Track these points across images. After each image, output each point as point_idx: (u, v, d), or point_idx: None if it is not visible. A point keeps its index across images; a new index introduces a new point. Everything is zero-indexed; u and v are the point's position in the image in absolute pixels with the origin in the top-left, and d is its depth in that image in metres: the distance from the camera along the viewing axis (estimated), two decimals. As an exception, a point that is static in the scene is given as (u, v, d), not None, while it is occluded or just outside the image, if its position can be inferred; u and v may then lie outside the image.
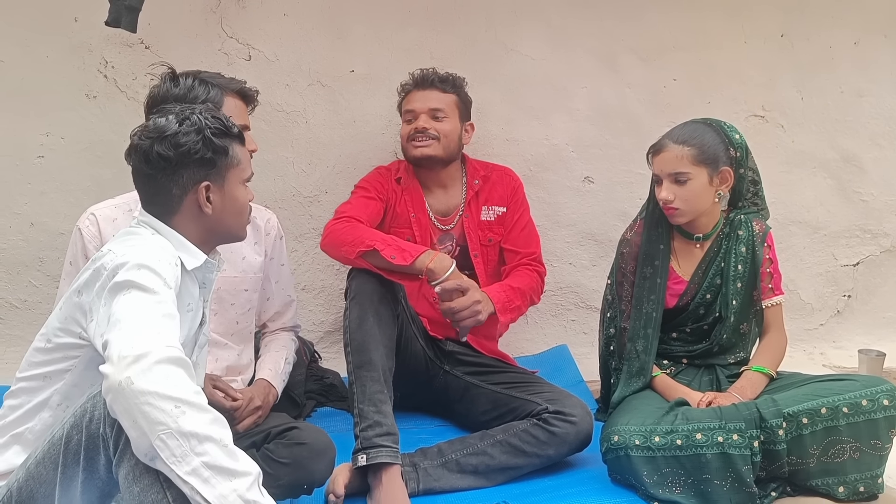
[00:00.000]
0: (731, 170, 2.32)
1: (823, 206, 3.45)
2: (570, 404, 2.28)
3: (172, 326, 1.50)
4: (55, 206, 2.85)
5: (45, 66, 2.79)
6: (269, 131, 2.95)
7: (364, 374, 2.18)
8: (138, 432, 1.37)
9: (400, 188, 2.67)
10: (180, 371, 1.41)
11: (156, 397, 1.35)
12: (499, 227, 2.70)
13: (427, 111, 2.62)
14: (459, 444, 2.27)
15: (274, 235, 2.39)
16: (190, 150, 1.69)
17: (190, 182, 1.72)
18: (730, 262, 2.38)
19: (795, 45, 3.32)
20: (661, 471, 2.07)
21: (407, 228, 2.63)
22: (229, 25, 2.88)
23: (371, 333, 2.21)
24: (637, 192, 3.19)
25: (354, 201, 2.59)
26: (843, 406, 2.07)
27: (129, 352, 1.38)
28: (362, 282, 2.28)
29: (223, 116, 1.78)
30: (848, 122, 3.41)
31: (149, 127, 1.72)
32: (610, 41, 3.18)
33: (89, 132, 2.83)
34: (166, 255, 1.64)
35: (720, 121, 2.38)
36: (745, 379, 2.29)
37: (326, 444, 2.01)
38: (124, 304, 1.49)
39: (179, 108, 1.76)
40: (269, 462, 1.94)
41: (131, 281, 1.52)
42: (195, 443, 1.37)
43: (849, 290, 3.53)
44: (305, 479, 1.97)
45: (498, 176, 2.75)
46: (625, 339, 2.42)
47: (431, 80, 2.66)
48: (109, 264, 1.57)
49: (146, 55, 2.81)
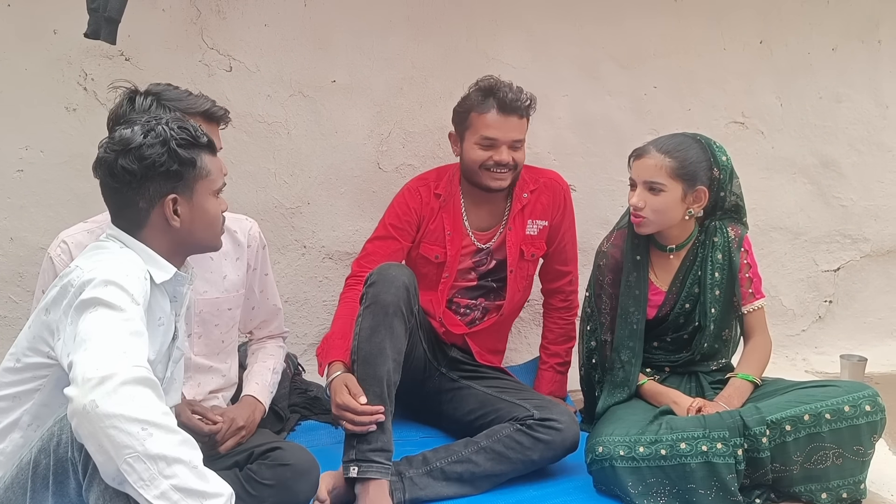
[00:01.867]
0: (707, 190, 2.30)
1: (804, 211, 3.48)
2: (557, 411, 2.28)
3: (140, 345, 1.47)
4: (35, 220, 2.82)
5: (24, 79, 2.76)
6: (251, 142, 2.94)
7: (366, 387, 2.15)
8: (105, 457, 1.34)
9: (438, 204, 2.60)
10: (147, 391, 1.38)
11: (121, 420, 1.32)
12: (541, 242, 2.67)
13: (509, 143, 2.47)
14: (444, 452, 2.25)
15: (256, 246, 2.32)
16: (155, 162, 1.65)
17: (156, 195, 1.68)
18: (706, 271, 2.37)
19: (774, 51, 3.35)
20: (646, 481, 2.07)
21: (439, 246, 2.58)
22: (210, 36, 2.87)
23: (380, 347, 2.18)
24: (619, 199, 3.20)
25: (374, 249, 2.57)
26: (825, 412, 2.08)
27: (93, 374, 1.35)
28: (380, 291, 2.21)
29: (191, 126, 1.73)
30: (827, 128, 3.44)
31: (114, 139, 1.68)
32: (590, 49, 3.19)
33: (69, 145, 2.81)
34: (134, 269, 1.61)
35: (711, 140, 2.35)
36: (732, 387, 2.30)
37: (310, 463, 1.98)
38: (90, 323, 1.46)
39: (146, 118, 1.73)
40: (253, 483, 1.92)
41: (98, 298, 1.49)
42: (163, 465, 1.34)
43: (830, 296, 3.56)
44: (290, 500, 1.94)
45: (545, 184, 2.66)
46: (606, 352, 2.42)
47: (516, 108, 2.47)
48: (76, 281, 1.54)
49: (126, 67, 2.79)
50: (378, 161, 3.05)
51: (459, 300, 2.62)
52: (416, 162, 3.06)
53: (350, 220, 3.05)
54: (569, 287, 2.81)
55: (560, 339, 2.81)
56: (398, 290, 2.21)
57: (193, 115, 2.05)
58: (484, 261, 2.64)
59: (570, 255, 2.77)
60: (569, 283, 2.80)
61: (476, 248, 2.62)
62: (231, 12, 2.87)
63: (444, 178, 2.64)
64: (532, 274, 2.71)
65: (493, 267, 2.64)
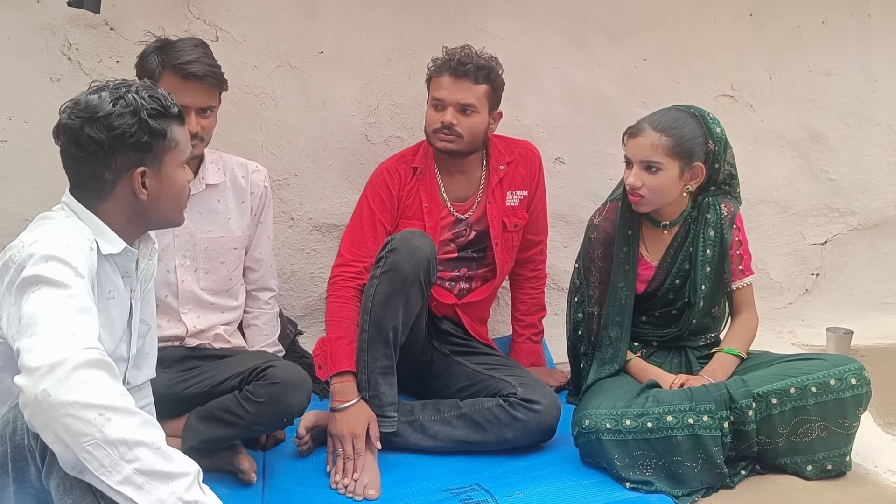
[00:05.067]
0: (704, 166, 2.29)
1: (792, 185, 3.49)
2: (539, 393, 2.30)
3: (88, 322, 1.39)
4: (19, 191, 2.79)
5: (6, 49, 2.71)
6: (237, 114, 2.90)
7: (378, 348, 2.24)
8: (62, 447, 1.27)
9: (415, 179, 2.60)
10: (101, 374, 1.30)
11: (76, 407, 1.25)
12: (523, 212, 2.69)
13: (456, 104, 2.47)
14: (432, 409, 2.36)
15: (259, 193, 2.43)
16: (124, 133, 1.56)
17: (124, 167, 1.59)
18: (698, 247, 2.36)
19: (764, 24, 3.33)
20: (632, 454, 2.09)
21: (418, 220, 2.58)
22: (196, 6, 2.82)
23: (393, 314, 2.22)
24: (608, 172, 3.20)
25: (362, 235, 2.55)
26: (811, 385, 2.10)
27: (42, 361, 1.27)
28: (400, 260, 2.21)
29: (161, 95, 1.64)
30: (816, 101, 3.44)
31: (79, 104, 1.58)
32: (580, 21, 3.17)
33: (53, 116, 2.69)
34: (77, 239, 1.53)
35: (704, 111, 2.33)
36: (717, 361, 2.31)
37: (300, 378, 2.10)
38: (34, 304, 1.37)
39: (115, 84, 1.63)
40: (250, 402, 2.05)
41: (39, 276, 1.40)
42: (125, 450, 1.27)
43: (817, 269, 3.58)
44: (284, 412, 2.09)
45: (521, 155, 2.69)
46: (593, 325, 2.42)
47: (466, 69, 2.46)
48: (17, 257, 1.47)
49: (111, 37, 2.74)
50: (366, 133, 3.02)
51: (442, 273, 2.61)
52: (405, 134, 3.03)
53: (338, 193, 3.04)
54: (539, 256, 2.86)
55: (533, 310, 2.86)
56: (419, 261, 2.22)
57: (168, 69, 2.15)
58: (463, 232, 2.65)
59: (541, 224, 2.82)
60: (539, 252, 2.85)
61: (454, 220, 2.63)
62: (217, -19, 2.83)
63: (421, 150, 2.65)
64: (517, 244, 2.73)
65: (472, 238, 2.65)
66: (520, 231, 2.71)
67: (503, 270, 2.70)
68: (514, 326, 2.90)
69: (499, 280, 2.70)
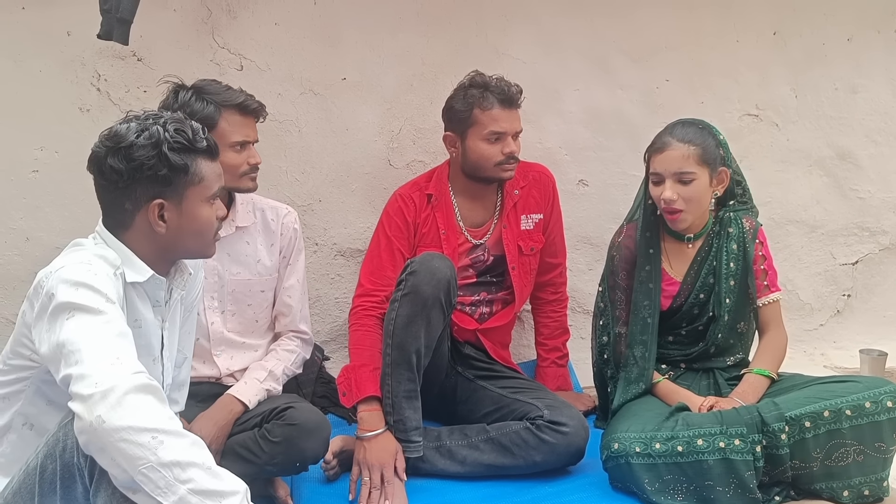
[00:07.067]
0: (727, 170, 2.32)
1: (820, 204, 3.44)
2: (567, 415, 2.28)
3: (129, 346, 1.44)
4: (50, 220, 2.84)
5: (38, 81, 2.77)
6: (262, 140, 2.88)
7: (402, 371, 2.23)
8: (118, 470, 1.33)
9: (430, 206, 2.62)
10: (150, 398, 1.36)
11: (130, 432, 1.31)
12: (538, 235, 2.70)
13: (514, 133, 2.53)
14: (458, 434, 2.35)
15: (289, 235, 2.42)
16: (143, 164, 1.58)
17: (143, 198, 1.62)
18: (721, 260, 2.36)
19: (788, 42, 3.31)
20: (662, 478, 2.06)
21: (436, 247, 2.58)
22: (220, 36, 2.87)
23: (416, 336, 2.22)
24: (632, 194, 3.13)
25: (380, 263, 2.55)
26: (846, 409, 2.06)
27: (94, 388, 1.33)
28: (420, 282, 2.22)
29: (190, 129, 1.65)
30: (843, 119, 3.40)
31: (109, 133, 1.62)
32: (601, 42, 3.17)
33: (83, 145, 2.72)
34: (103, 266, 1.56)
35: (703, 120, 2.37)
36: (747, 383, 2.28)
37: (318, 423, 2.07)
38: (72, 332, 1.42)
39: (144, 115, 1.66)
40: (265, 441, 2.04)
41: (71, 303, 1.45)
42: (178, 471, 1.33)
43: (848, 290, 3.52)
44: (297, 457, 2.06)
45: (534, 179, 2.71)
46: (621, 346, 2.41)
47: (516, 100, 2.53)
48: (45, 282, 1.52)
49: (138, 68, 2.80)
50: (389, 158, 3.03)
51: (462, 298, 2.61)
52: (427, 158, 3.04)
53: (361, 217, 3.05)
54: (559, 279, 2.86)
55: (556, 333, 2.85)
56: (439, 283, 2.22)
57: (229, 108, 2.16)
58: (481, 257, 2.65)
59: (559, 247, 2.82)
60: (559, 274, 2.85)
61: (471, 245, 2.64)
62: (242, 11, 2.87)
63: (434, 178, 2.66)
64: (535, 268, 2.73)
65: (490, 263, 2.66)
66: (536, 254, 2.71)
67: (522, 294, 2.69)
68: (538, 351, 2.89)
69: (518, 304, 2.70)
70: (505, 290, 2.69)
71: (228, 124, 2.15)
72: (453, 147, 2.59)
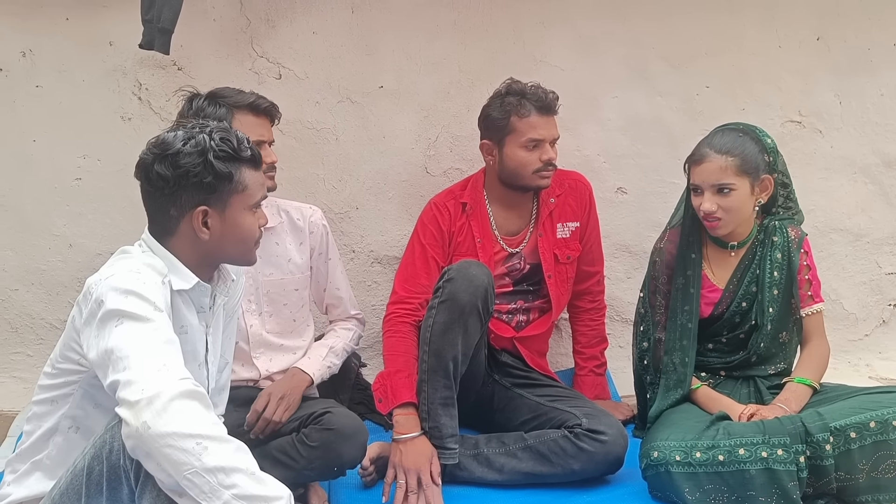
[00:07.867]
0: (771, 177, 2.28)
1: (865, 212, 3.37)
2: (605, 423, 2.27)
3: (176, 353, 1.47)
4: (93, 227, 2.89)
5: (81, 90, 2.83)
6: (300, 148, 2.96)
7: (438, 379, 2.23)
8: (164, 475, 1.35)
9: (465, 215, 2.62)
10: (195, 404, 1.39)
11: (175, 437, 1.34)
12: (575, 243, 2.69)
13: (552, 140, 2.53)
14: (496, 442, 2.34)
15: (319, 232, 2.47)
16: (189, 172, 1.62)
17: (187, 205, 1.65)
18: (765, 269, 2.33)
19: (832, 48, 3.25)
20: (703, 487, 2.02)
21: (472, 254, 2.58)
22: (259, 45, 2.90)
23: (453, 343, 2.22)
24: (671, 202, 3.11)
25: (415, 271, 2.56)
26: (892, 419, 2.01)
27: (140, 394, 1.36)
28: (457, 289, 2.22)
29: (236, 138, 1.69)
30: (889, 126, 3.33)
31: (157, 141, 1.66)
32: (640, 48, 3.14)
33: (125, 154, 2.83)
34: (151, 274, 1.60)
35: (751, 125, 2.34)
36: (789, 391, 2.24)
37: (355, 428, 2.09)
38: (121, 338, 1.45)
39: (192, 124, 1.71)
40: (303, 445, 2.06)
41: (121, 310, 1.49)
42: (223, 476, 1.35)
43: (894, 299, 3.44)
44: (335, 461, 2.07)
45: (570, 187, 2.70)
46: (660, 352, 2.38)
47: (553, 106, 2.53)
48: (94, 290, 1.55)
49: (179, 76, 2.84)
50: (426, 165, 3.04)
51: (499, 307, 2.60)
52: (464, 166, 3.04)
53: (398, 225, 3.05)
54: (597, 287, 2.83)
55: (594, 342, 2.83)
56: (476, 290, 2.23)
57: (241, 109, 2.20)
58: (517, 266, 2.64)
59: (596, 255, 2.79)
60: (596, 283, 2.83)
61: (507, 254, 2.63)
62: (280, 21, 2.91)
63: (469, 186, 2.67)
64: (572, 276, 2.72)
65: (527, 271, 2.64)
66: (573, 263, 2.69)
67: (559, 303, 2.68)
68: (576, 359, 2.87)
69: (556, 313, 2.68)
70: (542, 299, 2.68)
71: (242, 125, 2.16)
72: (490, 155, 2.59)
